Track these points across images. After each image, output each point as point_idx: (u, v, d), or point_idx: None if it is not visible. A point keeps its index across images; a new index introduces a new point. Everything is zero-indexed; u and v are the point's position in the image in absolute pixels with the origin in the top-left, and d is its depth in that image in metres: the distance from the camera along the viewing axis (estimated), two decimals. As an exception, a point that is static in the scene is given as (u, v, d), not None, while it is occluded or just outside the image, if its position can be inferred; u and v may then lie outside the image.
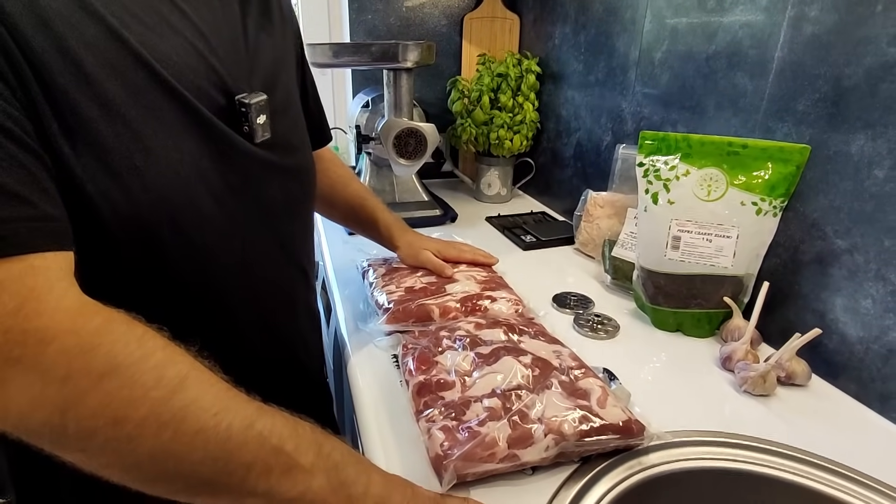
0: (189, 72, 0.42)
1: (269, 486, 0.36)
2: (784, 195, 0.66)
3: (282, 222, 0.54)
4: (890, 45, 0.53)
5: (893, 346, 0.56)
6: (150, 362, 0.33)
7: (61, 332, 0.31)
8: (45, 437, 0.31)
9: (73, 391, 0.30)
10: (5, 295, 0.30)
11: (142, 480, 0.34)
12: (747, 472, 0.51)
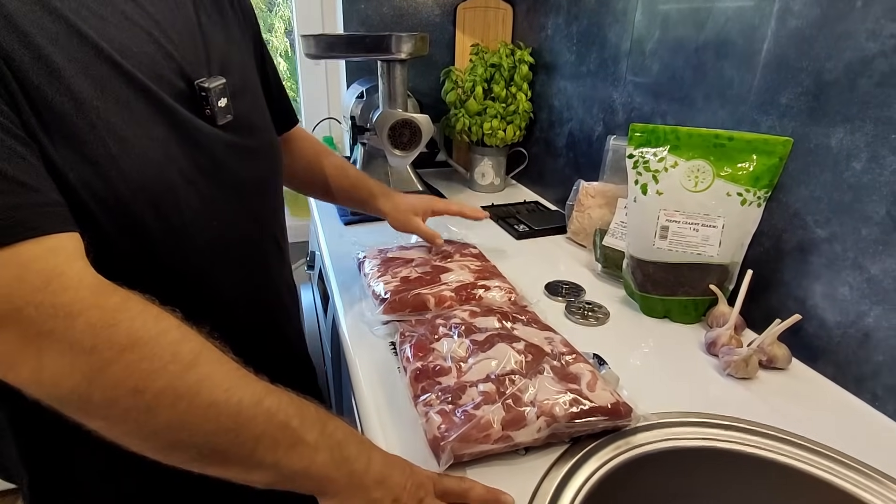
0: (148, 61, 0.43)
1: (276, 458, 0.38)
2: (768, 186, 0.68)
3: (252, 199, 0.56)
4: (868, 40, 0.55)
5: (868, 330, 0.59)
6: (167, 338, 0.35)
7: (86, 307, 0.33)
8: (73, 405, 0.34)
9: (98, 362, 0.33)
10: (31, 274, 0.32)
11: (158, 449, 0.36)
12: (729, 451, 0.54)
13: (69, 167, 0.37)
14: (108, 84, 0.40)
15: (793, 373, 0.65)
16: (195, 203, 0.47)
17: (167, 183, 0.44)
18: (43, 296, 0.32)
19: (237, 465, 0.38)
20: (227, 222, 0.51)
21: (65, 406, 0.34)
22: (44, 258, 0.33)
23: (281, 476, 0.39)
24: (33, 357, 0.32)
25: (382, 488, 0.42)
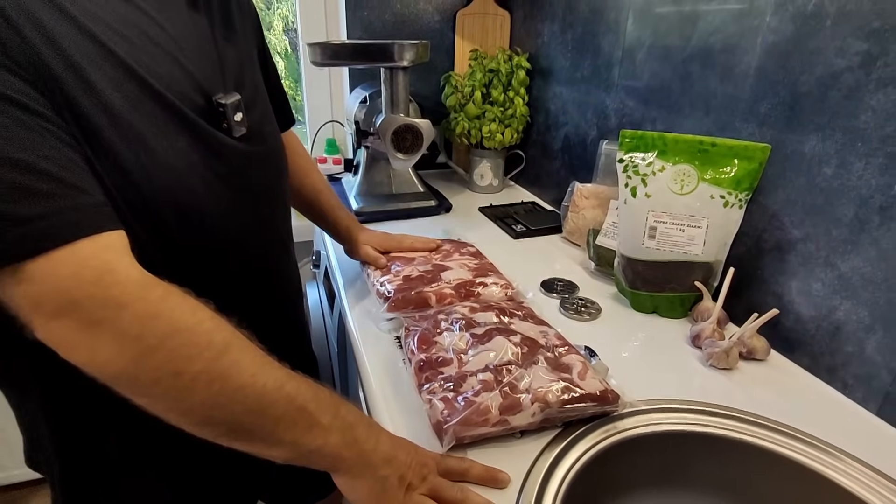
0: (172, 79, 0.48)
1: (294, 437, 0.43)
2: (748, 189, 0.73)
3: (262, 203, 0.61)
4: (836, 56, 0.60)
5: (839, 323, 0.63)
6: (202, 328, 0.40)
7: (133, 299, 0.38)
8: (122, 384, 0.39)
9: (144, 347, 0.37)
10: (87, 270, 0.36)
11: (193, 424, 0.41)
12: (709, 435, 0.59)
13: (105, 174, 0.42)
14: (137, 100, 0.44)
15: (771, 363, 0.70)
16: (213, 207, 0.52)
17: (189, 189, 0.49)
18: (97, 289, 0.36)
19: (260, 441, 0.43)
20: (240, 224, 0.56)
21: (115, 384, 0.38)
22: (97, 255, 0.37)
23: (298, 453, 0.44)
24: (89, 342, 0.37)
25: (389, 466, 0.47)
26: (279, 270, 0.68)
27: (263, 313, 0.63)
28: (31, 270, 0.35)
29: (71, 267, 0.36)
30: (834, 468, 0.54)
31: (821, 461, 0.55)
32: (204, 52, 0.53)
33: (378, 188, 1.27)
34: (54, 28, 0.39)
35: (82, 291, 0.36)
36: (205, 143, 0.50)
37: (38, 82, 0.38)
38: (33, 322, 0.36)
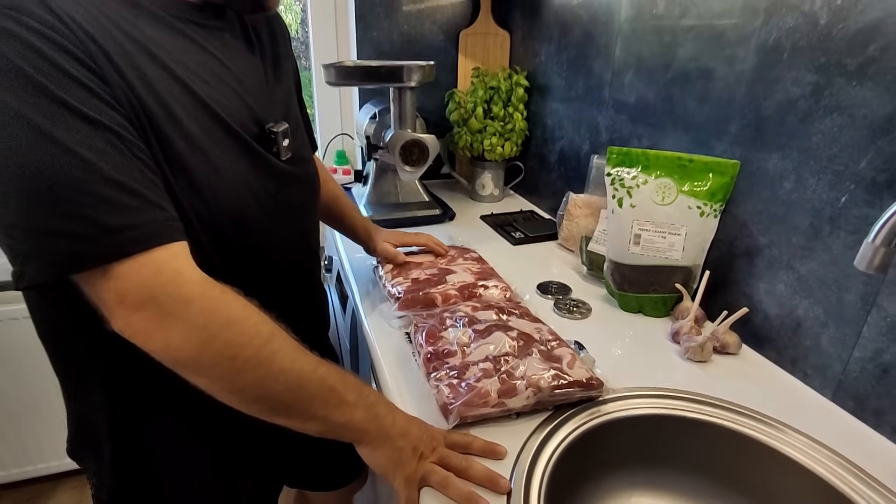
0: (235, 111, 0.57)
1: (326, 413, 0.51)
2: (722, 200, 0.81)
3: (300, 216, 0.71)
4: (793, 85, 0.68)
5: (799, 320, 0.71)
6: (251, 321, 0.48)
7: (198, 296, 0.46)
8: (188, 367, 0.47)
9: (207, 336, 0.46)
10: (163, 270, 0.45)
11: (243, 401, 0.49)
12: (682, 418, 0.67)
13: (180, 190, 0.51)
14: (209, 129, 0.53)
15: (743, 357, 0.78)
16: (262, 219, 0.60)
17: (244, 203, 0.58)
18: (171, 287, 0.45)
19: (298, 416, 0.51)
20: (282, 233, 0.65)
21: (182, 368, 0.47)
22: (170, 260, 0.46)
23: (329, 427, 0.53)
24: (163, 331, 0.45)
25: (404, 439, 0.55)
26: (311, 273, 0.78)
27: (296, 310, 0.71)
28: (118, 270, 0.44)
29: (150, 268, 0.45)
30: (792, 446, 0.62)
31: (781, 440, 0.62)
32: (259, 88, 0.62)
33: (386, 198, 1.36)
34: (149, 73, 0.49)
35: (159, 289, 0.45)
36: (259, 164, 0.60)
37: (134, 117, 0.47)
38: (115, 314, 0.45)
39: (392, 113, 1.19)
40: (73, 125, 0.42)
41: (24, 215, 0.42)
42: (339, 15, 1.51)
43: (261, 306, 0.51)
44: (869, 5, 0.59)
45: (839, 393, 0.67)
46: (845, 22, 0.61)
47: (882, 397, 0.62)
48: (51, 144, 0.41)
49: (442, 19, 1.48)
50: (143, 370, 0.53)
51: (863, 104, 0.60)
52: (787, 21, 0.68)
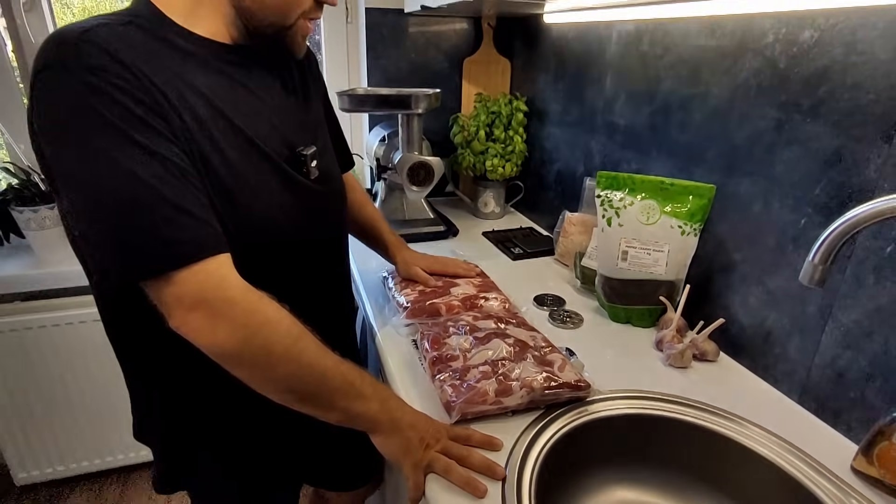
0: (269, 138, 0.67)
1: (346, 404, 0.59)
2: (701, 221, 0.89)
3: (327, 229, 0.79)
4: (759, 119, 0.77)
5: (769, 330, 0.79)
6: (285, 322, 0.57)
7: (241, 299, 0.55)
8: (231, 359, 0.55)
9: (248, 332, 0.54)
10: (213, 277, 0.54)
11: (276, 391, 0.58)
12: (660, 417, 0.74)
13: (222, 208, 0.59)
14: (247, 155, 0.63)
15: (721, 364, 0.85)
16: (292, 232, 0.69)
17: (275, 218, 0.66)
18: (218, 292, 0.54)
19: (321, 406, 0.59)
20: (311, 245, 0.74)
21: (226, 360, 0.55)
22: (218, 268, 0.54)
23: (347, 416, 0.61)
24: (212, 328, 0.53)
25: (412, 430, 0.63)
26: (340, 279, 0.86)
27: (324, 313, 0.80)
28: (177, 277, 0.52)
29: (203, 275, 0.53)
30: (759, 443, 0.69)
31: (750, 438, 0.69)
32: (290, 116, 0.72)
33: (394, 214, 1.44)
34: (200, 111, 0.58)
35: (210, 293, 0.53)
36: (290, 183, 0.69)
37: (188, 149, 0.56)
38: (173, 314, 0.53)
39: (400, 137, 1.28)
40: (142, 159, 0.51)
41: (105, 232, 0.51)
42: (350, 44, 1.61)
43: (291, 310, 0.59)
44: (818, 54, 0.67)
45: (804, 396, 0.75)
46: (800, 67, 0.70)
47: (839, 399, 0.69)
48: (126, 175, 0.50)
49: (447, 47, 1.58)
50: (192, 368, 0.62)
51: (815, 139, 0.69)
52: (753, 64, 0.77)
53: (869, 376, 0.65)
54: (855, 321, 0.66)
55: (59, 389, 1.48)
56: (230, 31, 0.65)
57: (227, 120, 0.61)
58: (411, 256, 1.04)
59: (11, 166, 1.37)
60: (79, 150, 0.51)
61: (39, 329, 1.41)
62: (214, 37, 0.64)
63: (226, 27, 0.65)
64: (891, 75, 0.60)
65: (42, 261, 1.43)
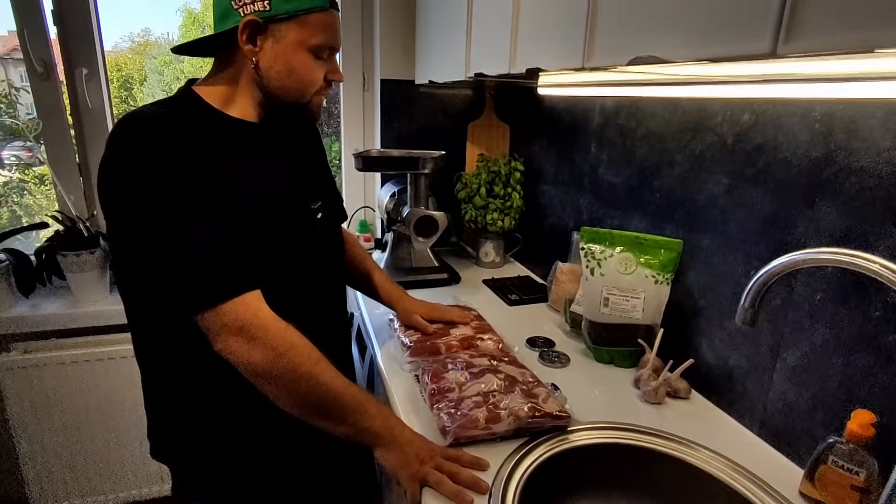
0: (287, 196, 0.81)
1: (354, 419, 0.70)
2: (672, 271, 1.00)
3: (331, 269, 0.92)
4: (714, 185, 0.89)
5: (731, 369, 0.89)
6: (307, 347, 0.69)
7: (272, 325, 0.67)
8: (262, 377, 0.67)
9: (276, 354, 0.66)
10: (250, 308, 0.66)
11: (296, 405, 0.69)
12: (634, 446, 0.83)
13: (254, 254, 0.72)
14: (273, 212, 0.77)
15: (692, 401, 0.94)
16: (303, 271, 0.82)
17: (291, 259, 0.80)
18: (255, 319, 0.66)
19: (333, 420, 0.70)
20: (316, 284, 0.86)
21: (258, 378, 0.66)
22: (253, 301, 0.67)
23: (355, 430, 0.71)
24: (249, 350, 0.65)
25: (410, 446, 0.73)
26: (341, 312, 0.98)
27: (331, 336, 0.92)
28: (223, 308, 0.65)
29: (243, 307, 0.66)
30: (722, 471, 0.77)
31: (714, 466, 0.78)
32: (304, 178, 0.87)
33: (401, 263, 1.57)
34: (235, 176, 0.73)
35: (248, 321, 0.65)
36: (301, 231, 0.83)
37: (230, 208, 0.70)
38: (219, 338, 0.66)
39: (409, 193, 1.43)
40: (200, 216, 0.65)
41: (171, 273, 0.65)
42: (366, 110, 1.80)
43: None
44: (756, 133, 0.81)
45: (762, 429, 0.83)
46: (742, 143, 0.83)
47: (790, 430, 0.78)
48: (187, 228, 0.64)
49: (453, 113, 1.76)
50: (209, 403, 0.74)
51: (758, 202, 0.81)
52: (707, 139, 0.91)
53: (812, 409, 0.75)
54: (798, 360, 0.76)
55: (83, 423, 1.58)
56: (257, 112, 0.82)
57: (254, 182, 0.76)
58: (412, 304, 1.14)
59: (60, 215, 1.53)
60: (151, 210, 0.65)
61: (72, 364, 1.52)
62: (245, 117, 0.80)
63: (254, 108, 0.81)
64: (809, 153, 0.73)
65: (79, 300, 1.57)
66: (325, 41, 0.78)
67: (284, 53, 0.77)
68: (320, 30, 0.77)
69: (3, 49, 1.74)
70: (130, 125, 0.68)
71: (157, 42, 2.50)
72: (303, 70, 0.78)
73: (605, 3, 0.65)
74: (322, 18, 0.77)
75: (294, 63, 0.78)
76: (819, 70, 0.51)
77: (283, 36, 0.76)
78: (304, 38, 0.77)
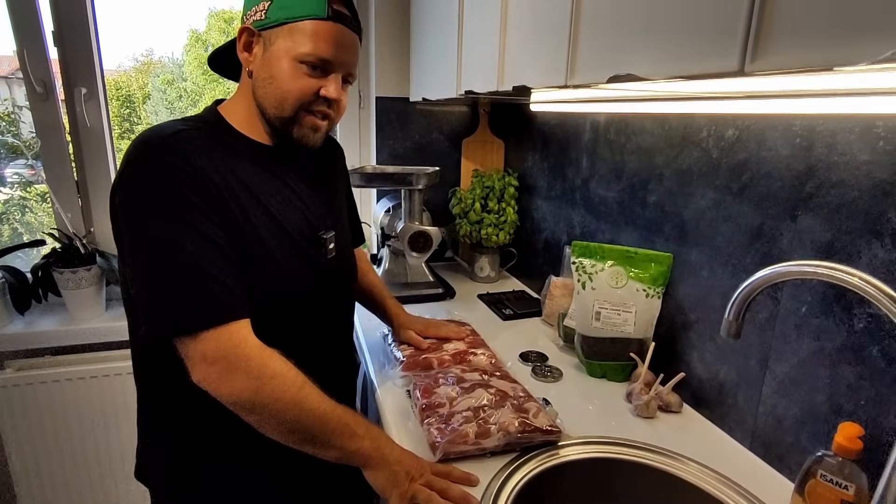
0: (297, 224, 0.81)
1: (342, 443, 0.69)
2: (662, 285, 1.01)
3: (338, 299, 0.92)
4: (700, 199, 0.90)
5: (722, 382, 0.89)
6: (290, 374, 0.68)
7: (255, 355, 0.66)
8: (245, 407, 0.66)
9: (260, 383, 0.65)
10: (234, 337, 0.66)
11: (282, 433, 0.68)
12: (625, 461, 0.82)
13: (251, 281, 0.72)
14: (278, 238, 0.77)
15: (684, 415, 0.94)
16: (308, 299, 0.82)
17: (295, 288, 0.80)
18: (238, 349, 0.66)
19: (321, 445, 0.69)
20: (323, 312, 0.86)
21: (241, 407, 0.66)
22: (239, 330, 0.67)
23: (343, 454, 0.70)
24: (230, 380, 0.65)
25: (400, 465, 0.72)
26: (348, 343, 0.98)
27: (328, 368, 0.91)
28: (204, 336, 0.65)
29: (225, 335, 0.66)
30: (713, 486, 0.77)
31: (705, 481, 0.78)
32: (316, 206, 0.86)
33: (397, 278, 1.57)
34: (244, 202, 0.73)
35: (230, 350, 0.65)
36: (310, 261, 0.82)
37: (230, 232, 0.70)
38: (197, 367, 0.65)
39: (403, 209, 1.44)
40: (193, 238, 0.66)
41: (153, 293, 0.65)
42: (362, 126, 1.82)
43: (296, 364, 0.71)
44: (739, 148, 0.82)
45: (754, 442, 0.83)
46: (728, 158, 0.84)
47: (780, 444, 0.78)
48: (177, 250, 0.65)
49: (447, 129, 1.78)
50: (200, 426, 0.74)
51: (744, 216, 0.82)
52: (693, 154, 0.92)
53: (801, 422, 0.75)
54: (786, 373, 0.76)
55: (76, 441, 1.57)
56: (267, 131, 0.81)
57: (264, 209, 0.76)
58: (407, 320, 1.15)
59: (57, 232, 1.54)
60: (146, 227, 0.65)
61: (66, 381, 1.52)
62: (260, 139, 0.81)
63: (262, 126, 0.81)
64: (791, 168, 0.74)
65: (74, 318, 1.57)
66: (315, 51, 0.73)
67: (269, 60, 0.75)
68: (310, 39, 0.73)
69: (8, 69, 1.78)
70: (140, 143, 0.69)
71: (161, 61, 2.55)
72: (281, 77, 0.74)
73: (585, 26, 0.67)
74: (315, 27, 0.73)
75: (274, 69, 0.74)
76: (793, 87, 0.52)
77: (272, 43, 0.75)
78: (291, 46, 0.73)
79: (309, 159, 0.89)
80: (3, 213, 1.86)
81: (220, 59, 0.87)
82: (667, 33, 0.52)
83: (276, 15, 0.74)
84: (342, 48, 0.76)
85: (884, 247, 0.63)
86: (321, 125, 0.80)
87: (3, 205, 1.85)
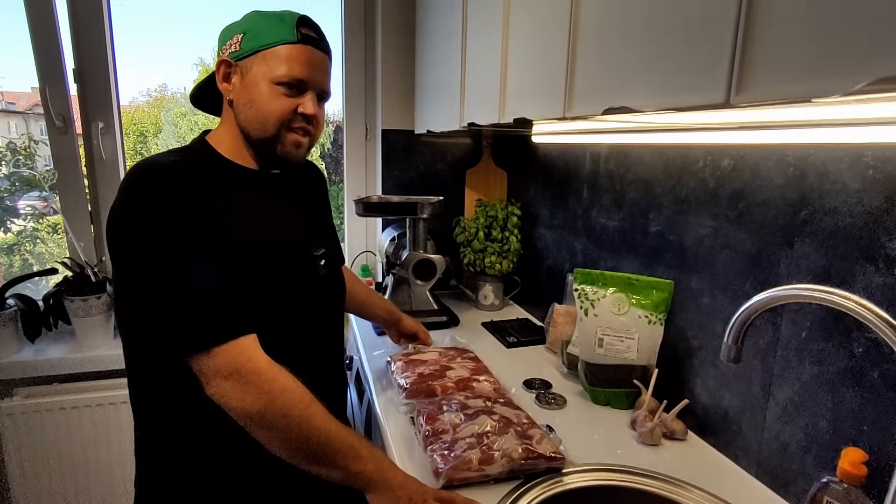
0: (290, 244, 0.84)
1: (346, 464, 0.70)
2: (664, 311, 1.02)
3: (331, 313, 0.94)
4: (699, 227, 0.92)
5: (726, 409, 0.88)
6: (299, 390, 0.69)
7: (265, 370, 0.68)
8: (255, 422, 0.67)
9: (270, 398, 0.67)
10: (244, 352, 0.67)
11: (288, 450, 0.69)
12: (628, 489, 0.82)
13: (250, 295, 0.74)
14: (272, 258, 0.79)
15: (689, 442, 0.93)
16: (305, 314, 0.84)
17: (293, 304, 0.82)
18: (249, 363, 0.67)
19: (326, 465, 0.70)
20: (317, 326, 0.88)
21: (250, 421, 0.67)
22: (248, 345, 0.69)
23: (346, 475, 0.71)
24: (242, 394, 0.66)
25: (402, 490, 0.72)
26: (339, 354, 0.99)
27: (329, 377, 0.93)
28: (217, 351, 0.66)
29: (237, 351, 0.67)
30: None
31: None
32: (306, 226, 0.91)
33: (401, 306, 1.58)
34: (242, 227, 0.76)
35: (242, 365, 0.67)
36: (303, 277, 0.85)
37: (232, 256, 0.73)
38: (211, 381, 0.67)
39: (408, 237, 1.47)
40: (201, 264, 0.68)
41: (162, 316, 0.67)
42: (368, 158, 1.86)
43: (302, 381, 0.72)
44: (735, 177, 0.84)
45: (759, 470, 0.82)
46: (724, 186, 0.87)
47: (786, 471, 0.77)
48: (187, 276, 0.67)
49: (451, 160, 1.82)
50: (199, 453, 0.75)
51: (742, 243, 0.84)
52: (690, 183, 0.94)
53: (806, 448, 0.74)
54: (788, 398, 0.77)
55: (80, 468, 1.56)
56: (252, 155, 0.85)
57: (259, 232, 0.79)
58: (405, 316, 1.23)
59: (69, 261, 1.57)
60: (150, 254, 0.68)
61: (72, 409, 1.52)
62: (248, 164, 0.85)
63: (247, 151, 0.85)
64: (785, 196, 0.76)
65: (83, 346, 1.58)
66: (289, 73, 0.79)
67: (248, 86, 0.80)
68: (284, 62, 0.79)
69: (26, 104, 1.85)
70: (139, 172, 0.73)
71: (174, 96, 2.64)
72: (261, 100, 0.79)
73: (581, 61, 0.70)
74: (288, 51, 0.79)
75: (254, 94, 0.80)
76: (779, 118, 0.54)
77: (249, 70, 0.80)
78: (267, 71, 0.79)
79: (294, 182, 0.94)
80: (15, 243, 1.90)
81: (201, 95, 0.93)
82: (658, 67, 0.55)
83: (250, 45, 0.80)
84: (314, 67, 0.81)
85: (878, 271, 0.64)
86: (303, 141, 0.85)
87: (17, 235, 1.90)
